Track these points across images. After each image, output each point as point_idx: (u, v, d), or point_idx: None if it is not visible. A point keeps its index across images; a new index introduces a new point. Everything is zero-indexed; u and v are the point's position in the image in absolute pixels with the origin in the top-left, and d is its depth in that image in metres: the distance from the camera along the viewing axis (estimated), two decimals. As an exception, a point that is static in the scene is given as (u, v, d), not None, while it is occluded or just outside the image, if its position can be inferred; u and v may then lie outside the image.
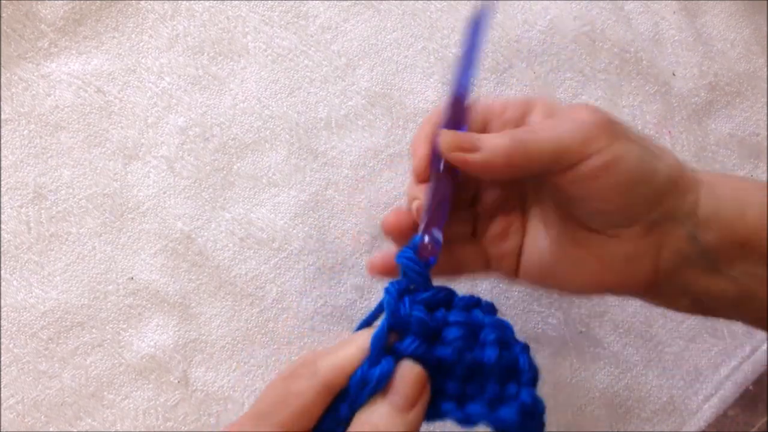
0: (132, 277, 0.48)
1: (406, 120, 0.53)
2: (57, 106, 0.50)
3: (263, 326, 0.48)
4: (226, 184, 0.50)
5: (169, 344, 0.47)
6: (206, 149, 0.50)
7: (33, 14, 0.51)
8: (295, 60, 0.53)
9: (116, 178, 0.49)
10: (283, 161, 0.51)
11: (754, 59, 0.58)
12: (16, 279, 0.47)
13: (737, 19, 0.58)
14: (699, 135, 0.55)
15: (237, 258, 0.49)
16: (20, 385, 0.45)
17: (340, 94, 0.52)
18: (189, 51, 0.52)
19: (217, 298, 0.48)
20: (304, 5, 0.54)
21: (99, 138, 0.50)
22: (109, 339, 0.47)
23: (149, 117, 0.50)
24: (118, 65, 0.51)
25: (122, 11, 0.52)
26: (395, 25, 0.54)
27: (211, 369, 0.47)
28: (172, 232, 0.49)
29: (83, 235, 0.48)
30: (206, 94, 0.51)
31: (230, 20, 0.53)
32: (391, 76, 0.53)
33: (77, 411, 0.46)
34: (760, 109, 0.57)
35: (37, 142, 0.49)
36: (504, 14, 0.56)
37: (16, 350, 0.46)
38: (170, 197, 0.49)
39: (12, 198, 0.48)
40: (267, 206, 0.50)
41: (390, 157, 0.52)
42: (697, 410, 0.50)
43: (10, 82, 0.50)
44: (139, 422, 0.46)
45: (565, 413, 0.49)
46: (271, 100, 0.52)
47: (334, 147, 0.52)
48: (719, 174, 0.38)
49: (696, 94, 0.56)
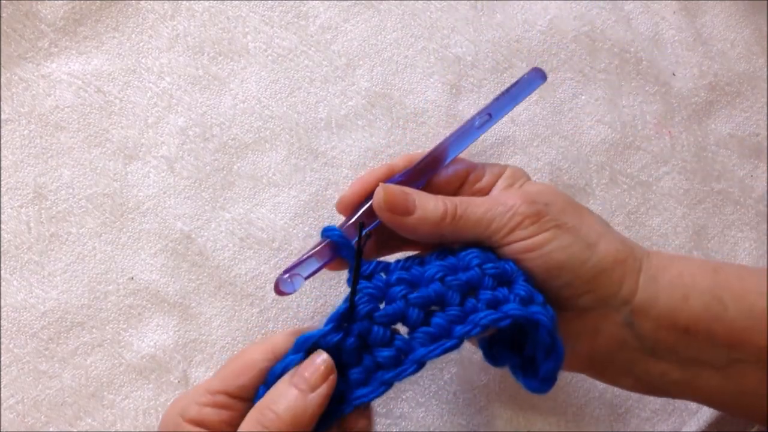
0: (132, 277, 0.48)
1: (406, 120, 0.53)
2: (57, 106, 0.50)
3: (263, 326, 0.48)
4: (226, 184, 0.50)
5: (169, 344, 0.47)
6: (206, 149, 0.50)
7: (33, 14, 0.51)
8: (295, 60, 0.53)
9: (116, 178, 0.49)
10: (283, 161, 0.51)
11: (754, 59, 0.58)
12: (16, 279, 0.47)
13: (737, 19, 0.58)
14: (699, 135, 0.55)
15: (237, 258, 0.49)
16: (20, 385, 0.45)
17: (340, 94, 0.52)
18: (189, 51, 0.52)
19: (217, 298, 0.48)
20: (304, 5, 0.54)
21: (99, 138, 0.50)
22: (109, 339, 0.47)
23: (149, 117, 0.50)
24: (118, 65, 0.51)
25: (122, 11, 0.52)
26: (395, 25, 0.54)
27: (211, 369, 0.47)
28: (172, 232, 0.49)
29: (83, 235, 0.48)
30: (206, 94, 0.51)
31: (230, 20, 0.53)
32: (391, 76, 0.53)
33: (77, 411, 0.46)
34: (760, 109, 0.57)
35: (37, 142, 0.49)
36: (504, 14, 0.56)
37: (16, 350, 0.46)
38: (170, 197, 0.49)
39: (12, 198, 0.48)
40: (267, 206, 0.50)
41: (390, 157, 0.52)
42: (697, 410, 0.50)
43: (10, 82, 0.50)
44: (139, 422, 0.46)
45: (565, 413, 0.49)
46: (271, 100, 0.52)
47: (334, 147, 0.52)
48: (669, 257, 0.38)
49: (696, 94, 0.56)
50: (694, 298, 0.36)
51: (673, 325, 0.36)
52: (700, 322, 0.36)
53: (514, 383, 0.49)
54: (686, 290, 0.36)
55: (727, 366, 0.36)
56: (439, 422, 0.48)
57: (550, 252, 0.36)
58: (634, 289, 0.36)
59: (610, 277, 0.36)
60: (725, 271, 0.37)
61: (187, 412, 0.34)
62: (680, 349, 0.37)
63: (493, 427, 0.48)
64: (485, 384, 0.49)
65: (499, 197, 0.38)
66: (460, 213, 0.37)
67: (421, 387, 0.48)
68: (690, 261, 0.39)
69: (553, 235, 0.36)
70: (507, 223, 0.36)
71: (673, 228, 0.53)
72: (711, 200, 0.54)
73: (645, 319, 0.36)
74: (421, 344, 0.35)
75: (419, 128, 0.53)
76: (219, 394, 0.34)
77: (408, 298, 0.35)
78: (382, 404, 0.47)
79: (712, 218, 0.54)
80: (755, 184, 0.55)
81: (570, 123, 0.54)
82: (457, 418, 0.48)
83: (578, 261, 0.36)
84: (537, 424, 0.49)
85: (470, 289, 0.36)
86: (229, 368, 0.35)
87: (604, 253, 0.36)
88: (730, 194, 0.55)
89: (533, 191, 0.38)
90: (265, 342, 0.35)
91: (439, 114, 0.53)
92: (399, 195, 0.37)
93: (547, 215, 0.36)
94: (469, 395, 0.48)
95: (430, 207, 0.37)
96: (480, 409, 0.48)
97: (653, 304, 0.36)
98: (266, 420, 0.32)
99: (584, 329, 0.38)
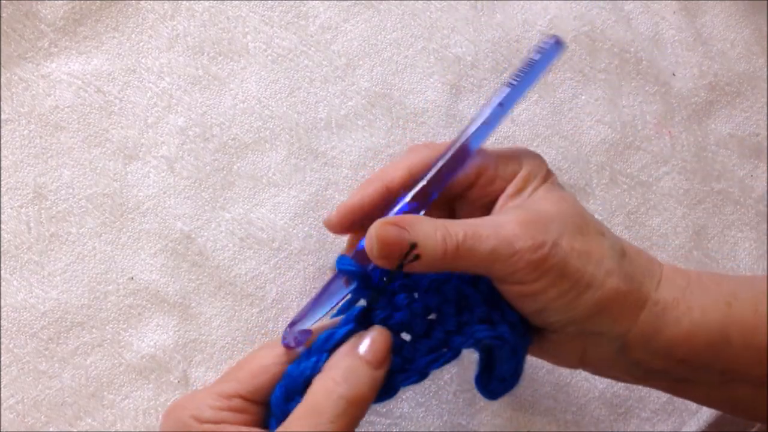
0: (132, 277, 0.48)
1: (406, 120, 0.53)
2: (57, 106, 0.50)
3: (263, 326, 0.48)
4: (226, 184, 0.50)
5: (169, 344, 0.47)
6: (206, 149, 0.50)
7: (33, 14, 0.51)
8: (295, 60, 0.53)
9: (116, 178, 0.49)
10: (283, 161, 0.51)
11: (754, 59, 0.58)
12: (16, 279, 0.47)
13: (737, 19, 0.58)
14: (699, 135, 0.55)
15: (237, 258, 0.49)
16: (20, 385, 0.45)
17: (340, 94, 0.52)
18: (189, 51, 0.52)
19: (217, 298, 0.48)
20: (304, 5, 0.54)
21: (99, 138, 0.50)
22: (109, 339, 0.47)
23: (149, 117, 0.50)
24: (118, 65, 0.51)
25: (122, 11, 0.52)
26: (395, 25, 0.54)
27: (211, 369, 0.47)
28: (172, 232, 0.49)
29: (83, 235, 0.48)
30: (206, 94, 0.51)
31: (230, 20, 0.53)
32: (391, 76, 0.53)
33: (77, 411, 0.46)
34: (760, 109, 0.57)
35: (37, 142, 0.49)
36: (504, 14, 0.56)
37: (16, 350, 0.46)
38: (170, 197, 0.49)
39: (12, 198, 0.48)
40: (267, 206, 0.50)
41: (390, 157, 0.52)
42: (697, 410, 0.50)
43: (10, 82, 0.50)
44: (139, 422, 0.46)
45: (565, 413, 0.49)
46: (271, 100, 0.52)
47: (334, 147, 0.52)
48: (682, 288, 0.36)
49: (696, 94, 0.56)
50: (699, 336, 0.34)
51: (668, 356, 0.35)
52: (699, 356, 0.35)
53: (514, 383, 0.49)
54: (692, 327, 0.34)
55: (721, 384, 0.36)
56: (439, 422, 0.48)
57: (545, 298, 0.34)
58: (630, 327, 0.35)
59: (605, 316, 0.34)
60: (741, 304, 0.35)
61: (203, 415, 0.33)
62: (673, 372, 0.36)
63: (493, 427, 0.48)
64: (485, 384, 0.49)
65: (505, 230, 0.33)
66: (462, 251, 0.33)
67: (421, 387, 0.48)
68: (705, 291, 0.36)
69: (552, 282, 0.33)
70: (509, 267, 0.33)
71: (673, 228, 0.53)
72: (711, 200, 0.54)
73: (640, 351, 0.35)
74: (423, 354, 0.35)
75: (419, 128, 0.53)
76: (235, 398, 0.33)
77: (412, 308, 0.35)
78: (383, 404, 0.47)
79: (712, 218, 0.54)
80: (755, 184, 0.55)
81: (570, 123, 0.54)
82: (457, 418, 0.48)
83: (572, 306, 0.34)
84: (537, 424, 0.48)
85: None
86: (243, 371, 0.34)
87: (603, 294, 0.34)
88: (730, 194, 0.55)
89: (544, 218, 0.34)
90: (275, 344, 0.35)
91: (439, 114, 0.53)
92: (393, 237, 0.32)
93: (553, 258, 0.33)
94: (469, 395, 0.48)
95: (429, 245, 0.32)
96: (480, 409, 0.48)
97: (651, 338, 0.35)
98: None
99: (571, 349, 0.37)
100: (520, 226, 0.33)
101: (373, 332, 0.33)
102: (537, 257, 0.33)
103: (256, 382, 0.33)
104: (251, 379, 0.33)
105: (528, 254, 0.32)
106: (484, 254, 0.32)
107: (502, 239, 0.33)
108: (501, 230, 0.33)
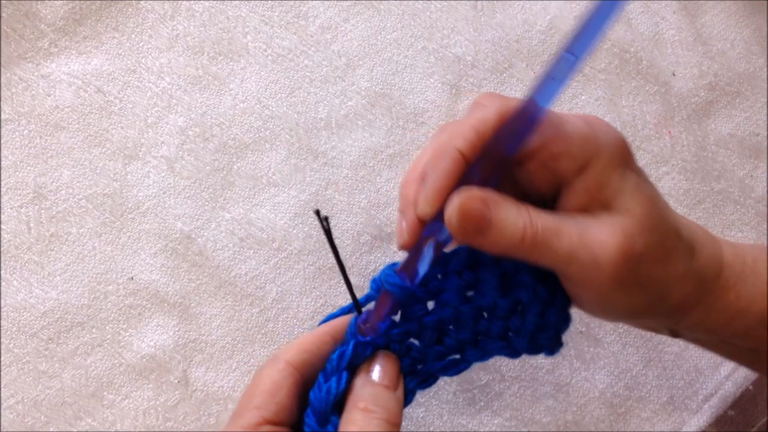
0: (132, 277, 0.48)
1: (406, 120, 0.53)
2: (57, 106, 0.50)
3: (263, 326, 0.48)
4: (226, 184, 0.50)
5: (169, 344, 0.47)
6: (206, 149, 0.50)
7: (33, 14, 0.51)
8: (295, 60, 0.53)
9: (116, 178, 0.49)
10: (283, 161, 0.51)
11: (754, 59, 0.58)
12: (16, 279, 0.47)
13: (737, 19, 0.58)
14: (699, 135, 0.55)
15: (237, 258, 0.49)
16: (20, 385, 0.45)
17: (340, 94, 0.52)
18: (189, 51, 0.52)
19: (217, 298, 0.48)
20: (304, 5, 0.54)
21: (99, 138, 0.50)
22: (109, 339, 0.47)
23: (149, 117, 0.50)
24: (118, 65, 0.51)
25: (122, 11, 0.52)
26: (395, 25, 0.54)
27: (211, 369, 0.47)
28: (172, 232, 0.49)
29: (83, 235, 0.48)
30: (206, 94, 0.51)
31: (230, 20, 0.53)
32: (391, 76, 0.53)
33: (77, 411, 0.46)
34: (760, 109, 0.57)
35: (37, 142, 0.49)
36: (504, 14, 0.56)
37: (16, 350, 0.46)
38: (170, 197, 0.49)
39: (12, 198, 0.48)
40: (267, 206, 0.50)
41: (390, 157, 0.52)
42: (697, 410, 0.50)
43: (10, 82, 0.50)
44: (139, 422, 0.46)
45: (565, 413, 0.49)
46: (271, 100, 0.52)
47: (334, 147, 0.52)
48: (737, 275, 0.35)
49: (696, 94, 0.56)
50: (740, 322, 0.35)
51: (709, 335, 0.36)
52: (736, 336, 0.36)
53: (514, 383, 0.49)
54: (737, 315, 0.35)
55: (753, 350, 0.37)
56: (439, 422, 0.48)
57: (615, 308, 0.33)
58: (682, 318, 0.35)
59: (663, 314, 0.34)
60: None
61: None
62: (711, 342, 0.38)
63: (494, 427, 0.48)
64: (485, 384, 0.49)
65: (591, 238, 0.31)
66: (539, 243, 0.31)
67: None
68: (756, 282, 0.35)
69: (628, 296, 0.32)
70: (586, 275, 0.31)
71: (673, 228, 0.53)
72: (711, 200, 0.54)
73: (684, 330, 0.37)
74: (432, 360, 0.35)
75: (419, 128, 0.53)
76: (263, 425, 0.31)
77: (423, 321, 0.34)
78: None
79: (712, 218, 0.54)
80: (755, 184, 0.55)
81: (570, 123, 0.54)
82: (457, 418, 0.48)
83: (640, 311, 0.33)
84: (537, 424, 0.49)
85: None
86: (257, 396, 0.32)
87: (671, 302, 0.33)
88: (730, 194, 0.55)
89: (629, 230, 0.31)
90: (276, 360, 0.33)
91: (439, 114, 0.53)
92: (477, 212, 0.30)
93: (637, 275, 0.31)
94: (469, 395, 0.48)
95: (509, 229, 0.30)
96: (480, 409, 0.48)
97: (697, 325, 0.35)
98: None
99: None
100: (606, 235, 0.31)
101: (380, 358, 0.33)
102: (619, 274, 0.31)
103: (277, 401, 0.31)
104: (271, 398, 0.32)
105: (609, 269, 0.31)
106: (561, 254, 0.31)
107: (584, 245, 0.31)
108: (585, 235, 0.31)
